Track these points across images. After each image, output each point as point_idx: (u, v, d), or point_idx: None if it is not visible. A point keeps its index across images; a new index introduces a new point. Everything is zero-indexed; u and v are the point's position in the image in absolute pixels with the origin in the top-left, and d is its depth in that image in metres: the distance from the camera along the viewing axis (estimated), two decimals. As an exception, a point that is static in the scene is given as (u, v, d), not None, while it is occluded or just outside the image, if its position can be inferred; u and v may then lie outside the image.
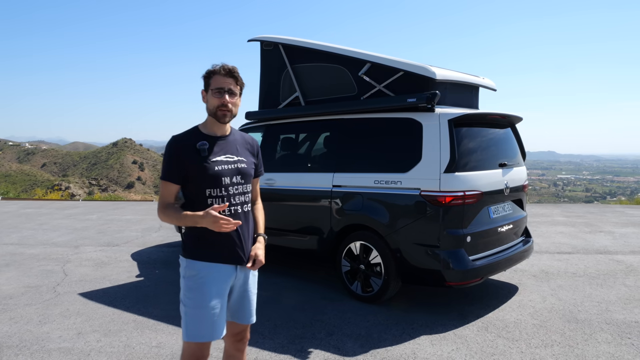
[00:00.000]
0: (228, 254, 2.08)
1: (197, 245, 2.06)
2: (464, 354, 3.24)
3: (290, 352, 3.29)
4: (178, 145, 2.05)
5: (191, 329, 2.04)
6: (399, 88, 4.31)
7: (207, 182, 2.05)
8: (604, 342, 3.39)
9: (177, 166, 2.03)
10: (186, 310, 2.04)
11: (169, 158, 2.05)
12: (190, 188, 2.07)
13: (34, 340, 3.48)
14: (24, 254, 6.27)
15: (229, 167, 2.10)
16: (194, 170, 2.03)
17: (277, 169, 5.11)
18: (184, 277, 2.08)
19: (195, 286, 2.04)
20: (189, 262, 2.07)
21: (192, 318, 2.03)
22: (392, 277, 4.04)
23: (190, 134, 2.10)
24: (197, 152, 2.04)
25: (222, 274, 2.08)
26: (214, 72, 2.07)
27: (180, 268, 2.12)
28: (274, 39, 5.25)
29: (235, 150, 2.16)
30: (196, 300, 2.03)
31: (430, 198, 3.80)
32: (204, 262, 2.05)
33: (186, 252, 2.09)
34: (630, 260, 5.70)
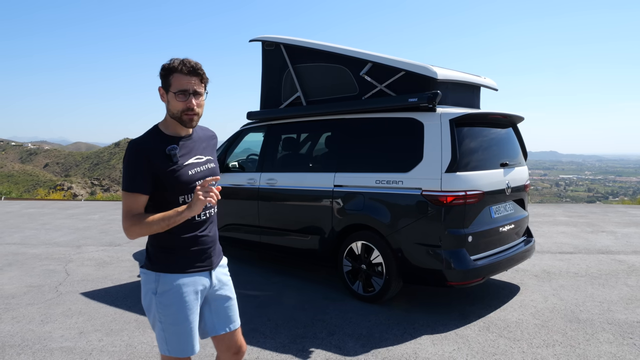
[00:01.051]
0: (202, 260, 1.95)
1: (168, 257, 1.89)
2: (465, 353, 3.24)
3: (292, 351, 3.30)
4: (145, 150, 1.82)
5: (173, 344, 1.89)
6: (401, 88, 4.31)
7: (181, 189, 1.88)
8: (606, 342, 3.38)
9: (147, 174, 1.81)
10: (163, 326, 1.88)
11: (136, 166, 1.80)
12: (159, 196, 1.86)
13: (36, 339, 3.49)
14: (27, 254, 6.29)
15: (201, 169, 1.95)
16: (166, 177, 1.84)
17: (278, 168, 5.12)
18: (156, 293, 1.87)
19: (170, 302, 1.87)
20: (160, 276, 1.88)
21: (172, 334, 1.88)
22: (393, 277, 4.04)
23: (154, 136, 1.88)
24: (168, 157, 1.84)
25: (198, 283, 1.94)
26: (174, 70, 1.82)
27: (145, 283, 1.91)
28: (276, 39, 5.25)
29: (203, 150, 2.00)
30: (175, 316, 1.87)
31: (432, 198, 3.80)
32: (177, 275, 1.89)
33: (155, 266, 1.89)
34: (632, 260, 5.69)
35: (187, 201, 1.89)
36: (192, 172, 1.90)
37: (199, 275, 1.95)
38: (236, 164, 5.83)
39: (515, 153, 4.59)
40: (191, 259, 1.92)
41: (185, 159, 1.89)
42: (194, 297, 1.92)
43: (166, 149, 1.84)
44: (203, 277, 1.96)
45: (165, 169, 1.83)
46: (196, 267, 1.93)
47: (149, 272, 1.90)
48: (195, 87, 1.84)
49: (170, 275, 1.88)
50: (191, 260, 1.92)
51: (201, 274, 1.95)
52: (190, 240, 1.92)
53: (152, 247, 1.92)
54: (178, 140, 1.90)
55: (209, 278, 1.99)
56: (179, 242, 1.90)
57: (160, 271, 1.88)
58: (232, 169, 5.74)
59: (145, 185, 1.81)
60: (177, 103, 1.83)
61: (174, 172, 1.84)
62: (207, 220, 1.98)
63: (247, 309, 4.13)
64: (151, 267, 1.90)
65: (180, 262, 1.90)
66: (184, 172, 1.87)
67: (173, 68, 1.82)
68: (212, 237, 2.02)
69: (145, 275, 1.91)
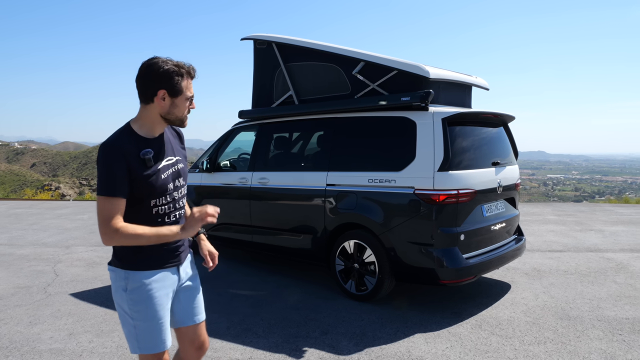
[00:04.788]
0: (171, 257, 1.95)
1: (138, 255, 1.86)
2: (458, 351, 3.25)
3: (285, 351, 3.28)
4: (121, 153, 1.75)
5: (144, 341, 1.88)
6: (393, 87, 4.31)
7: (154, 192, 1.85)
8: (596, 339, 3.42)
9: (124, 177, 1.75)
10: (135, 323, 1.87)
11: (113, 169, 1.73)
12: (132, 199, 1.81)
13: (25, 341, 3.44)
14: (14, 255, 6.19)
15: (171, 170, 1.92)
16: (140, 182, 1.79)
17: (270, 168, 5.10)
18: (126, 290, 1.86)
19: (141, 298, 1.86)
20: (129, 273, 1.86)
21: (143, 331, 1.87)
22: (386, 275, 4.04)
23: (127, 137, 1.81)
24: (142, 161, 1.80)
25: (167, 279, 1.94)
26: (187, 75, 1.83)
27: (114, 280, 1.89)
28: (268, 37, 5.23)
29: (172, 150, 1.97)
30: (146, 312, 1.86)
31: (424, 196, 3.81)
32: (147, 272, 1.87)
33: (124, 264, 1.87)
34: (620, 258, 5.76)
35: (157, 204, 1.88)
36: (164, 175, 1.89)
37: (168, 271, 1.95)
38: (227, 163, 5.80)
39: (506, 152, 4.62)
40: (160, 257, 1.92)
41: (158, 162, 1.87)
42: (164, 292, 1.93)
43: (140, 154, 1.80)
44: (171, 272, 1.97)
45: (140, 173, 1.79)
46: (164, 264, 1.94)
47: (117, 270, 1.88)
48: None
49: (140, 273, 1.87)
50: (160, 258, 1.92)
51: (169, 270, 1.96)
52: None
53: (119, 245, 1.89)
54: (152, 142, 1.87)
55: (177, 274, 2.01)
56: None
57: (129, 269, 1.86)
58: (224, 168, 5.71)
59: (125, 189, 1.76)
60: (186, 107, 1.85)
61: (149, 177, 1.82)
62: (177, 221, 1.98)
63: (240, 308, 4.11)
64: (120, 265, 1.88)
65: (149, 260, 1.89)
66: (158, 176, 1.85)
67: (188, 72, 1.83)
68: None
69: (114, 273, 1.90)
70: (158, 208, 1.88)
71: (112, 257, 1.92)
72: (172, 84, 1.79)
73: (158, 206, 1.88)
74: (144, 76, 1.80)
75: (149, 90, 1.80)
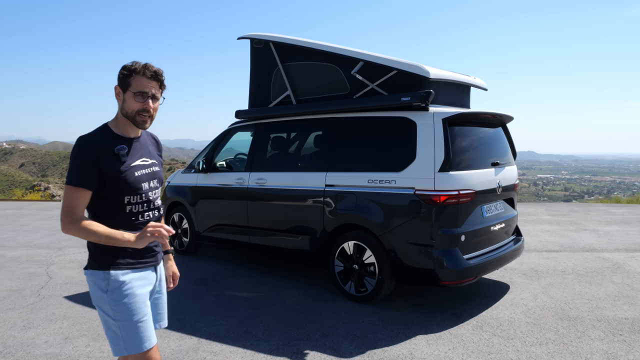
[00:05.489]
0: (148, 257, 1.98)
1: (115, 254, 1.88)
2: (460, 353, 3.23)
3: (286, 354, 3.24)
4: (93, 147, 1.82)
5: (129, 341, 1.87)
6: (392, 87, 4.28)
7: (127, 189, 1.88)
8: (597, 339, 3.42)
9: (93, 171, 1.80)
10: (119, 324, 1.86)
11: (83, 161, 1.79)
12: (105, 195, 1.86)
13: (19, 346, 3.36)
14: (5, 257, 6.08)
15: (146, 171, 1.97)
16: (113, 177, 1.84)
17: (268, 168, 5.05)
18: (107, 291, 1.86)
19: (122, 297, 1.86)
20: (109, 274, 1.86)
21: (127, 330, 1.86)
22: (386, 276, 4.01)
23: (103, 135, 1.88)
24: (116, 156, 1.86)
25: (146, 278, 1.97)
26: (136, 72, 1.86)
27: (93, 283, 1.89)
28: (265, 36, 5.18)
29: (148, 153, 2.02)
30: (128, 312, 1.87)
31: (425, 197, 3.79)
32: (127, 270, 1.89)
33: (103, 264, 1.87)
34: (616, 258, 5.79)
35: (132, 202, 1.91)
36: (138, 173, 1.92)
37: (147, 270, 1.98)
38: (224, 163, 5.74)
39: (505, 152, 4.62)
40: (137, 255, 1.94)
41: (132, 160, 1.92)
42: (144, 290, 1.94)
43: (115, 148, 1.86)
44: (150, 272, 2.01)
45: (112, 168, 1.84)
46: (143, 263, 1.96)
47: (95, 272, 1.88)
48: (154, 91, 1.90)
49: (119, 272, 1.88)
50: (137, 256, 1.94)
51: (148, 269, 2.00)
52: None
53: (96, 247, 1.89)
54: (128, 141, 1.93)
55: (155, 273, 2.04)
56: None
57: (108, 269, 1.87)
58: (220, 168, 5.65)
59: (91, 182, 1.81)
60: (135, 103, 1.87)
61: (122, 172, 1.86)
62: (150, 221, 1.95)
63: (238, 310, 4.06)
64: (98, 266, 1.88)
65: (127, 258, 1.91)
66: (131, 173, 1.90)
67: (136, 70, 1.86)
68: None
69: (92, 276, 1.89)
70: (132, 206, 1.92)
71: (89, 260, 1.92)
72: (120, 79, 1.88)
73: (132, 204, 1.91)
74: None
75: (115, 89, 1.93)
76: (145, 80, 1.87)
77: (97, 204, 1.87)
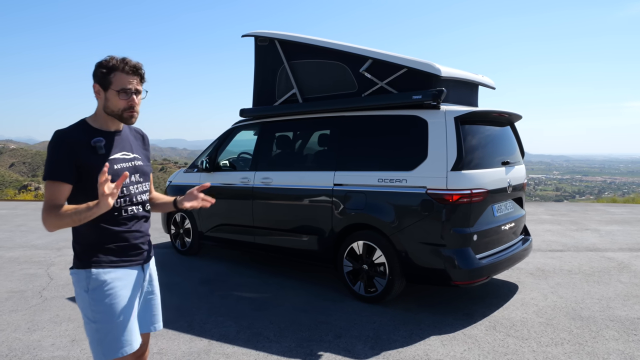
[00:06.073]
0: (132, 255, 1.91)
1: (97, 251, 1.83)
2: (476, 354, 3.19)
3: (300, 355, 3.18)
4: (69, 141, 1.77)
5: (107, 345, 1.79)
6: (402, 85, 4.24)
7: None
8: (612, 339, 3.40)
9: (70, 164, 1.76)
10: (97, 326, 1.79)
11: (60, 155, 1.75)
12: (85, 191, 1.80)
13: (25, 349, 3.27)
14: (3, 257, 5.96)
15: (127, 165, 1.91)
16: (90, 170, 1.78)
17: (274, 167, 4.98)
18: (88, 290, 1.80)
19: (103, 297, 1.79)
20: (90, 272, 1.81)
21: (107, 333, 1.79)
22: (396, 276, 3.97)
23: (80, 129, 1.84)
24: (93, 149, 1.81)
25: (132, 278, 1.89)
26: (116, 69, 1.80)
27: (76, 283, 1.83)
28: (270, 34, 5.12)
29: (130, 147, 1.97)
30: (108, 313, 1.79)
31: (437, 196, 3.75)
32: (108, 269, 1.83)
33: (84, 263, 1.82)
34: (621, 258, 5.80)
35: None
36: (117, 166, 1.86)
37: (132, 269, 1.91)
38: (227, 162, 5.67)
39: (514, 151, 4.59)
40: (121, 253, 1.88)
41: (111, 153, 1.87)
42: (128, 291, 1.87)
43: (91, 141, 1.82)
44: (136, 270, 1.93)
45: (89, 161, 1.79)
46: (127, 261, 1.89)
47: (78, 271, 1.84)
48: (136, 86, 1.86)
49: (101, 270, 1.82)
50: (121, 254, 1.88)
51: (133, 268, 1.92)
52: (118, 235, 1.87)
53: (79, 244, 1.85)
54: (107, 134, 1.89)
55: (142, 273, 1.97)
56: (106, 237, 1.85)
57: (89, 267, 1.82)
58: (223, 167, 5.58)
59: (68, 175, 1.76)
60: (120, 101, 1.82)
61: (99, 165, 1.79)
62: (134, 217, 1.92)
63: (246, 311, 4.00)
64: (80, 265, 1.83)
65: (110, 255, 1.85)
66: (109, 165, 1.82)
67: (115, 67, 1.81)
68: (143, 232, 1.98)
69: (76, 276, 1.84)
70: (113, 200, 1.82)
71: (73, 260, 1.87)
72: (99, 77, 1.82)
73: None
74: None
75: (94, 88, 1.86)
76: (126, 76, 1.81)
77: (77, 200, 1.80)
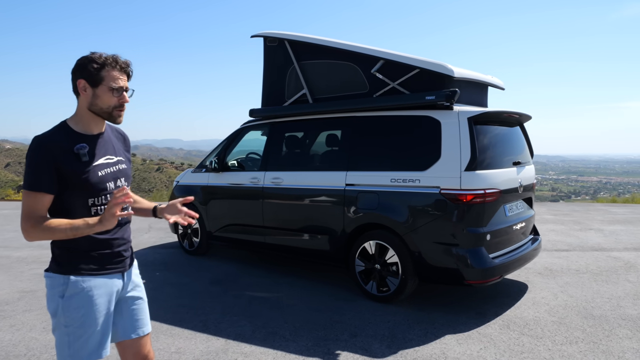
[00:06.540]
0: (114, 262, 1.86)
1: (77, 258, 1.78)
2: (493, 352, 3.22)
3: (318, 354, 3.20)
4: (51, 148, 1.68)
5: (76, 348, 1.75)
6: (415, 86, 4.26)
7: (91, 190, 1.77)
8: (626, 338, 3.44)
9: (51, 173, 1.68)
10: (69, 330, 1.75)
11: (40, 164, 1.67)
12: (67, 198, 1.74)
13: (43, 348, 3.28)
14: (11, 257, 5.95)
15: (111, 169, 1.84)
16: (73, 178, 1.72)
17: (284, 167, 5.00)
18: (63, 296, 1.74)
19: (79, 304, 1.75)
20: (68, 279, 1.75)
21: (77, 338, 1.75)
22: (409, 276, 3.99)
23: (62, 133, 1.75)
24: (77, 157, 1.73)
25: (110, 286, 1.84)
26: (108, 65, 1.76)
27: (51, 287, 1.78)
28: (280, 34, 5.14)
29: (113, 150, 1.89)
30: (83, 320, 1.75)
31: (451, 196, 3.77)
32: (87, 277, 1.78)
33: (64, 268, 1.76)
34: (627, 257, 5.85)
35: (96, 204, 1.80)
36: (102, 172, 1.80)
37: (111, 277, 1.86)
38: (235, 162, 5.68)
39: (524, 151, 4.63)
40: (102, 261, 1.83)
41: (95, 159, 1.79)
42: (106, 299, 1.82)
43: (74, 148, 1.73)
44: (116, 278, 1.88)
45: (72, 169, 1.72)
46: (108, 269, 1.84)
47: (55, 276, 1.77)
48: (126, 83, 1.82)
49: (80, 278, 1.77)
50: (102, 262, 1.83)
51: (113, 276, 1.87)
52: (100, 243, 1.81)
53: (59, 248, 1.79)
54: (90, 138, 1.80)
55: (122, 280, 1.91)
56: (88, 244, 1.79)
57: (68, 274, 1.76)
58: (232, 167, 5.59)
59: (51, 185, 1.69)
60: (112, 98, 1.77)
61: (83, 172, 1.74)
62: (118, 224, 1.87)
63: (260, 311, 4.01)
64: (58, 270, 1.77)
65: (91, 263, 1.80)
66: (94, 172, 1.77)
67: (107, 63, 1.76)
68: (126, 239, 1.94)
69: (51, 279, 1.78)
70: (97, 208, 1.80)
71: (50, 262, 1.81)
72: (89, 73, 1.75)
73: (97, 206, 1.80)
74: (72, 69, 1.79)
75: (73, 82, 1.78)
76: (118, 73, 1.78)
77: (58, 208, 1.74)
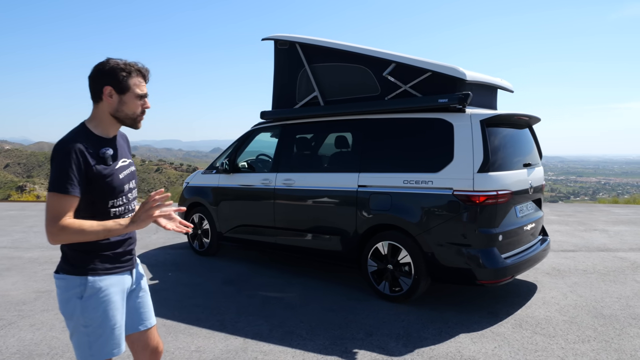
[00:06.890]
0: (125, 261, 1.94)
1: (94, 259, 1.83)
2: (507, 351, 3.28)
3: (336, 353, 3.26)
4: (79, 150, 1.72)
5: (97, 347, 1.81)
6: (427, 89, 4.33)
7: (112, 193, 1.83)
8: (637, 337, 3.50)
9: (81, 176, 1.72)
10: (89, 330, 1.80)
11: (70, 167, 1.69)
12: (90, 201, 1.78)
13: (64, 347, 3.33)
14: (23, 258, 5.99)
15: (127, 172, 1.92)
16: (99, 181, 1.77)
17: (296, 169, 5.06)
18: (82, 297, 1.79)
19: (98, 304, 1.80)
20: (86, 279, 1.80)
21: (98, 337, 1.81)
22: (422, 276, 4.05)
23: (86, 137, 1.79)
24: (102, 160, 1.79)
25: (122, 283, 1.92)
26: (135, 72, 1.81)
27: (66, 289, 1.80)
28: (291, 37, 5.20)
29: (125, 152, 1.97)
30: (102, 319, 1.81)
31: (464, 197, 3.84)
32: (105, 276, 1.84)
33: (80, 269, 1.80)
34: (633, 258, 5.91)
35: (115, 205, 1.86)
36: (122, 175, 1.88)
37: (123, 274, 1.93)
38: (245, 164, 5.74)
39: (534, 153, 4.70)
40: (115, 259, 1.90)
41: (115, 162, 1.86)
42: (120, 297, 1.90)
43: (99, 152, 1.80)
44: (126, 275, 1.96)
45: (99, 172, 1.77)
46: (120, 267, 1.91)
47: (70, 277, 1.80)
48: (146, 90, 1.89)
49: (97, 278, 1.82)
50: (115, 260, 1.90)
51: (124, 273, 1.95)
52: (116, 243, 1.88)
53: (74, 250, 1.82)
54: (109, 142, 1.87)
55: (131, 276, 2.00)
56: (105, 244, 1.85)
57: (85, 274, 1.80)
58: (243, 169, 5.65)
59: (79, 187, 1.72)
60: (137, 105, 1.84)
61: (107, 175, 1.80)
62: None
63: (275, 310, 4.07)
64: (73, 271, 1.81)
65: (105, 263, 1.86)
66: (116, 175, 1.84)
67: (134, 70, 1.82)
68: (134, 238, 2.01)
69: (66, 281, 1.81)
70: (116, 209, 1.87)
71: (61, 264, 1.84)
72: (117, 80, 1.79)
73: (116, 207, 1.87)
74: (92, 74, 1.81)
75: (96, 87, 1.81)
76: (141, 80, 1.84)
77: (79, 211, 1.76)
